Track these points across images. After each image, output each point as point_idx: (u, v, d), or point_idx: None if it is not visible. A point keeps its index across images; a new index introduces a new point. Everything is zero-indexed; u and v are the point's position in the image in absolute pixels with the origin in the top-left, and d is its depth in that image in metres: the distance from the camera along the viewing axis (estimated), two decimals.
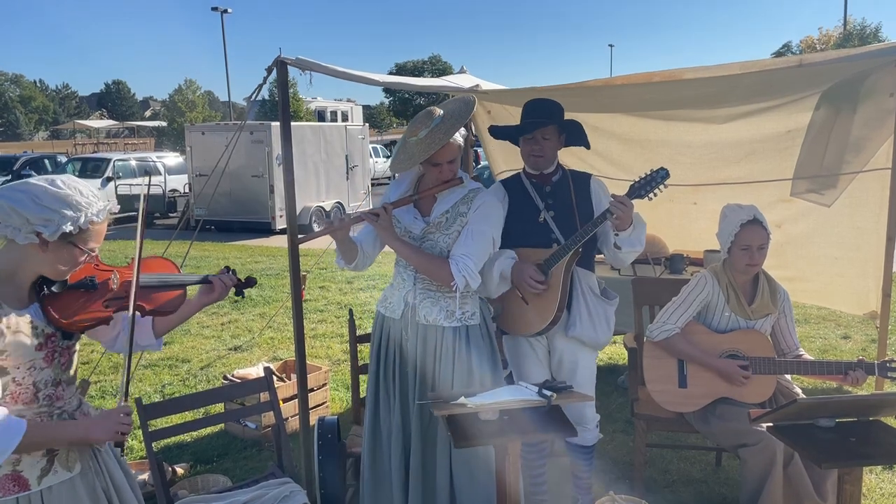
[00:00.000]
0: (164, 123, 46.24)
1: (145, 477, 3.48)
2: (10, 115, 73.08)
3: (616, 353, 5.73)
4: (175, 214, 15.96)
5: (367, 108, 52.07)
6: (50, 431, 1.81)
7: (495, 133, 3.12)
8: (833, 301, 4.52)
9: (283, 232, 11.57)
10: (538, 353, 3.05)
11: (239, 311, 7.56)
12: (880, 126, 3.46)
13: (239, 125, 4.60)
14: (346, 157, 15.33)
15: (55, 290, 1.88)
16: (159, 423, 3.08)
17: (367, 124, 19.22)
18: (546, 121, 2.90)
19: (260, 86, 3.46)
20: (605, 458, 3.75)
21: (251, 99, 4.03)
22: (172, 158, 18.78)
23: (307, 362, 3.62)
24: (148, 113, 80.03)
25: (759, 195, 4.00)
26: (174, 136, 40.03)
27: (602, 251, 3.04)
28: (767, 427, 2.50)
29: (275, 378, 3.18)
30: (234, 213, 14.00)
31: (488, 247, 2.65)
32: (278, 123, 3.38)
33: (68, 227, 1.75)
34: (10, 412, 1.80)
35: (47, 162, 20.51)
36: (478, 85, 4.62)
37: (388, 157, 23.50)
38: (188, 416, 4.00)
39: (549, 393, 2.21)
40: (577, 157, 4.41)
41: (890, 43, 3.12)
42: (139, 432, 2.68)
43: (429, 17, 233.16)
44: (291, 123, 3.40)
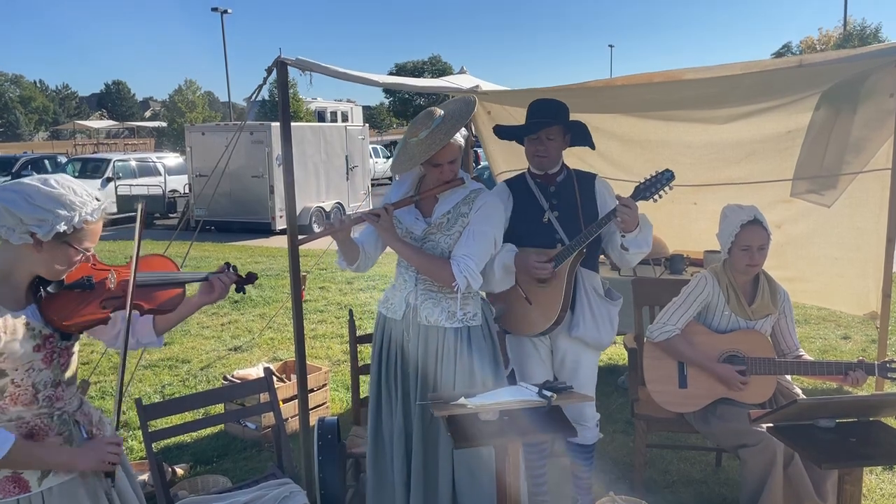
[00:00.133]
0: (164, 124, 46.21)
1: (145, 477, 3.48)
2: (10, 116, 73.09)
3: (616, 353, 5.72)
4: (175, 215, 15.94)
5: (367, 108, 52.08)
6: (36, 451, 1.79)
7: (500, 133, 3.12)
8: (833, 301, 4.52)
9: (283, 232, 11.57)
10: (541, 352, 3.05)
11: (239, 312, 7.56)
12: (880, 126, 3.46)
13: (239, 125, 4.60)
14: (346, 157, 15.34)
15: (51, 290, 1.87)
16: (159, 423, 3.08)
17: (367, 125, 19.23)
18: (551, 121, 2.90)
19: (260, 86, 3.46)
20: (605, 458, 3.75)
21: (251, 99, 4.03)
22: (172, 159, 18.77)
23: (307, 363, 3.62)
24: (148, 113, 79.98)
25: (760, 195, 3.99)
26: (174, 136, 40.03)
27: (607, 252, 3.04)
28: (767, 427, 2.50)
29: (275, 378, 3.18)
30: (234, 214, 13.99)
31: (490, 247, 2.65)
32: (278, 124, 3.37)
33: (62, 226, 1.74)
34: (10, 414, 1.80)
35: (47, 162, 20.48)
36: (478, 86, 4.62)
37: (388, 158, 23.49)
38: (188, 416, 4.01)
39: (549, 393, 2.21)
40: (577, 157, 4.40)
41: (890, 43, 3.12)
42: (139, 432, 2.68)
43: (429, 17, 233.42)
44: (291, 124, 3.39)
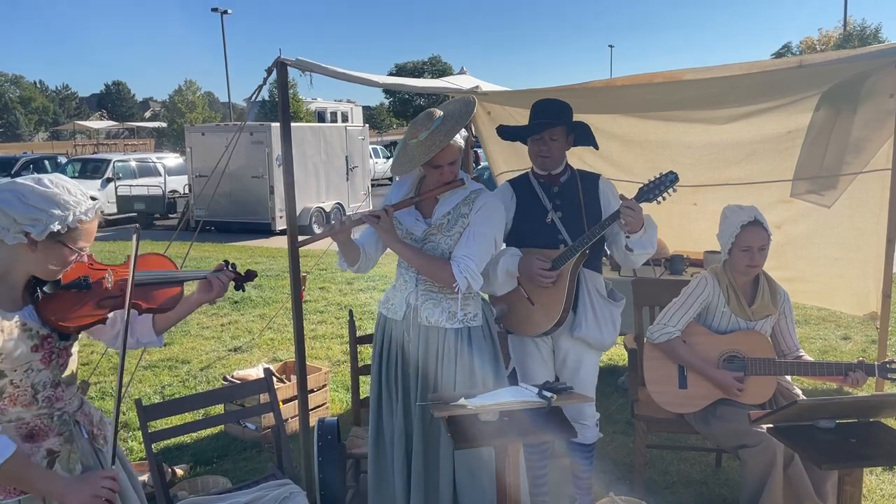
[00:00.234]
0: (164, 124, 46.17)
1: (145, 478, 3.47)
2: (10, 116, 73.12)
3: (616, 354, 5.72)
4: (175, 215, 15.94)
5: (367, 108, 52.05)
6: (31, 471, 1.76)
7: (504, 133, 3.12)
8: (833, 302, 4.52)
9: (283, 233, 11.58)
10: (543, 352, 3.06)
11: (239, 312, 7.56)
12: (880, 127, 3.47)
13: (239, 126, 4.60)
14: (346, 157, 15.34)
15: (48, 290, 1.87)
16: (159, 424, 3.08)
17: (367, 125, 19.25)
18: (554, 121, 2.90)
19: (260, 87, 3.46)
20: (605, 458, 3.75)
21: (251, 100, 4.03)
22: (172, 159, 18.76)
23: (307, 363, 3.62)
24: (148, 114, 79.93)
25: (760, 196, 4.00)
26: (174, 136, 40.02)
27: (611, 252, 3.04)
28: (767, 428, 2.49)
29: (274, 379, 3.18)
30: (234, 214, 13.99)
31: (490, 248, 2.65)
32: (278, 124, 3.38)
33: (56, 226, 1.74)
34: (10, 415, 1.80)
35: (47, 163, 20.44)
36: (478, 86, 4.62)
37: (388, 158, 23.49)
38: (188, 417, 4.01)
39: (549, 394, 2.21)
40: (577, 158, 4.40)
41: (890, 44, 3.12)
42: (139, 433, 2.68)
43: (429, 18, 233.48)
44: (291, 124, 3.40)
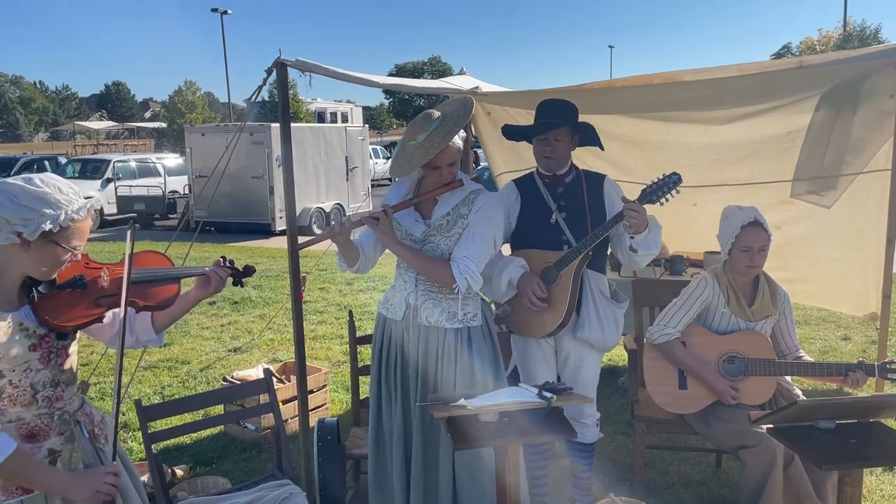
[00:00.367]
0: (164, 125, 46.17)
1: (145, 479, 3.47)
2: (10, 117, 73.12)
3: (616, 354, 5.71)
4: (175, 216, 15.93)
5: (366, 109, 52.06)
6: (33, 467, 1.77)
7: (509, 133, 3.11)
8: (833, 302, 4.52)
9: (283, 233, 11.56)
10: (545, 352, 3.06)
11: (239, 313, 7.56)
12: (880, 127, 3.46)
13: (239, 126, 4.60)
14: (346, 158, 15.34)
15: (43, 290, 1.87)
16: (159, 424, 3.08)
17: (367, 125, 19.26)
18: (559, 122, 2.89)
19: (260, 87, 3.46)
20: (604, 459, 3.75)
21: (251, 100, 4.03)
22: (172, 160, 18.75)
23: (307, 364, 3.61)
24: (148, 114, 79.96)
25: (760, 196, 4.00)
26: (174, 137, 40.01)
27: (615, 253, 3.03)
28: (767, 429, 2.49)
29: (274, 380, 3.18)
30: (234, 215, 13.98)
31: (489, 248, 2.65)
32: (278, 125, 3.37)
33: (48, 225, 1.74)
34: (10, 415, 1.80)
35: (47, 163, 20.43)
36: (478, 87, 4.61)
37: (387, 159, 23.49)
38: (188, 417, 4.01)
39: (548, 395, 2.21)
40: (577, 158, 4.36)
41: (890, 44, 3.12)
42: (139, 434, 2.68)
43: (429, 18, 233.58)
44: (291, 125, 3.40)
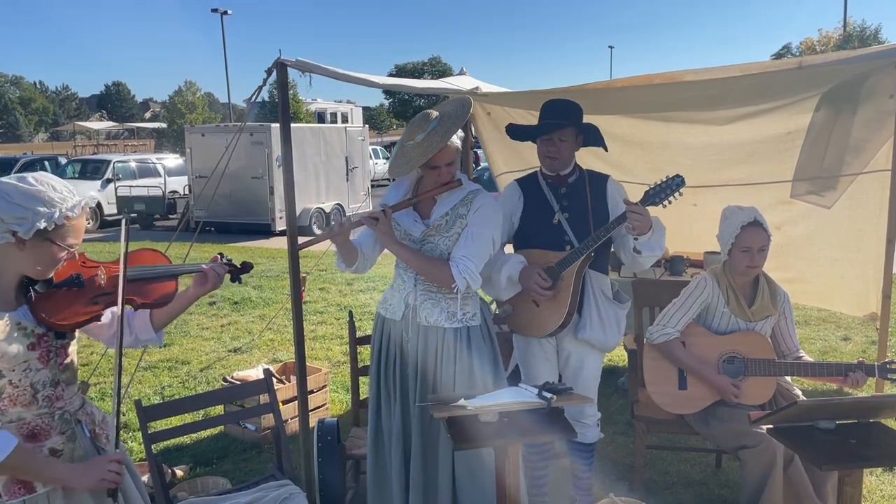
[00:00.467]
0: (164, 125, 46.21)
1: (145, 479, 3.47)
2: (10, 117, 73.13)
3: (616, 354, 5.71)
4: (175, 216, 15.93)
5: (366, 109, 52.10)
6: (36, 461, 1.78)
7: (513, 133, 3.11)
8: (833, 303, 4.52)
9: (283, 234, 11.55)
10: (546, 352, 3.06)
11: (239, 313, 7.56)
12: (880, 127, 3.47)
13: (239, 127, 4.61)
14: (346, 158, 15.35)
15: (40, 289, 1.87)
16: (159, 424, 3.08)
17: (367, 126, 19.27)
18: (564, 123, 2.89)
19: (260, 87, 3.46)
20: (604, 459, 3.74)
21: (251, 100, 4.03)
22: (172, 160, 18.75)
23: (307, 364, 3.61)
24: (148, 114, 79.98)
25: (760, 197, 4.00)
26: (174, 137, 40.03)
27: (618, 254, 3.03)
28: (767, 429, 2.49)
29: (274, 380, 3.18)
30: (234, 215, 13.98)
31: (488, 248, 2.65)
32: (278, 125, 3.37)
33: (42, 223, 1.74)
34: (11, 415, 1.80)
35: (47, 164, 20.42)
36: (478, 87, 4.61)
37: (387, 159, 23.49)
38: (188, 417, 4.01)
39: (549, 395, 2.20)
40: (577, 158, 4.39)
41: (890, 45, 3.12)
42: (139, 434, 2.68)
43: (429, 18, 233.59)
44: (291, 125, 3.40)
